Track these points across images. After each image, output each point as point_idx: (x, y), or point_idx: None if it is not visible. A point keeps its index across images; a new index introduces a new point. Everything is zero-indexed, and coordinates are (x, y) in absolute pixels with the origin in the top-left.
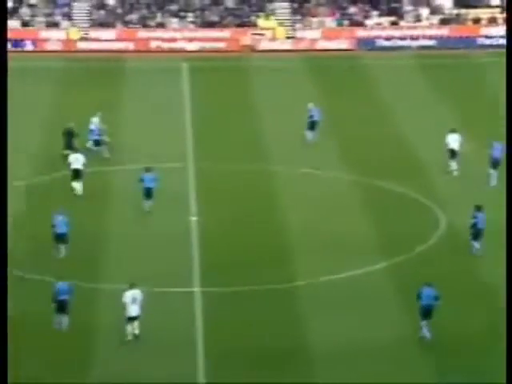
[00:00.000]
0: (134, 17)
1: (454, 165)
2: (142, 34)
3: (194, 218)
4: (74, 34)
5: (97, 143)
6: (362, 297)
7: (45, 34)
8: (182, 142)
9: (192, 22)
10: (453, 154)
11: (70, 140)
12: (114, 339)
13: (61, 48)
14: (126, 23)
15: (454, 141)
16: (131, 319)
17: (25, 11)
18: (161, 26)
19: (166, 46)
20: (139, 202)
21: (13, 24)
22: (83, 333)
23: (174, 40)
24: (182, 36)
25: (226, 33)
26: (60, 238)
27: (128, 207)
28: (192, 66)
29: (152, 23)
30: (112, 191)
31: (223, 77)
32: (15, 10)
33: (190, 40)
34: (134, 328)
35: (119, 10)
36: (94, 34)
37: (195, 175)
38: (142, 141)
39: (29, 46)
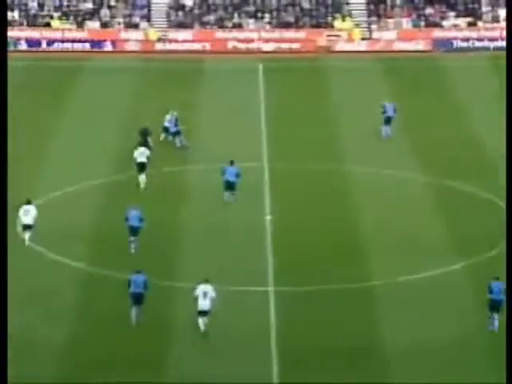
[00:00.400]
0: (211, 18)
1: None
2: (219, 34)
3: (268, 217)
4: (153, 34)
5: (174, 134)
6: (440, 297)
7: (124, 34)
8: (257, 141)
9: (268, 23)
10: None
11: (145, 139)
12: (188, 336)
13: (139, 49)
14: (204, 24)
15: None
16: (202, 313)
17: (104, 12)
18: (237, 26)
19: (242, 46)
20: (215, 200)
21: (93, 25)
22: (157, 330)
23: (250, 41)
24: (258, 37)
25: (301, 34)
26: (133, 231)
27: (204, 205)
28: (267, 67)
29: (229, 24)
30: (188, 190)
31: (298, 77)
32: (95, 11)
33: (266, 41)
34: (204, 323)
35: (197, 11)
36: (171, 34)
37: (270, 175)
38: (219, 141)
39: (108, 47)
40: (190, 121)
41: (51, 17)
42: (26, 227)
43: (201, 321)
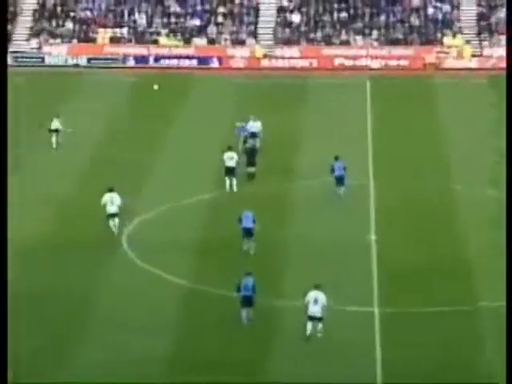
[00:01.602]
0: (318, 35)
1: None
2: (326, 51)
3: (373, 237)
4: (259, 51)
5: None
6: None
7: (230, 51)
8: (363, 158)
9: (376, 40)
10: None
11: (252, 155)
12: (294, 343)
13: (245, 65)
14: (310, 41)
15: None
16: (311, 318)
17: (212, 29)
18: (345, 43)
19: (349, 63)
20: (320, 215)
21: (200, 41)
22: (261, 339)
23: (357, 57)
24: (365, 53)
25: (410, 50)
26: (247, 233)
27: (309, 221)
28: (375, 84)
29: (336, 41)
30: (293, 204)
31: (406, 94)
32: (203, 28)
33: (374, 57)
34: (316, 329)
35: (303, 28)
36: (278, 51)
37: (375, 191)
38: (324, 156)
39: (215, 63)
40: (295, 136)
41: (159, 33)
42: (112, 216)
43: (309, 325)
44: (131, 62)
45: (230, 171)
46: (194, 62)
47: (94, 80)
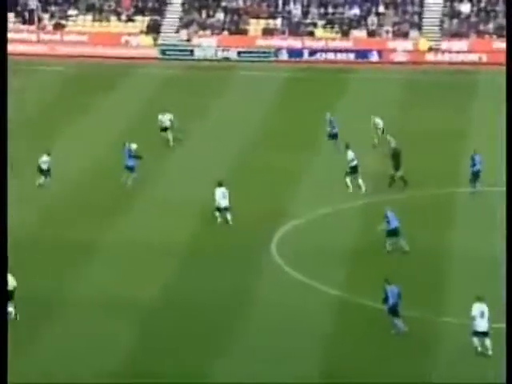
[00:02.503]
0: (489, 26)
1: None
2: (499, 44)
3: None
4: (423, 44)
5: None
6: None
7: (391, 44)
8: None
9: None
10: None
11: (398, 159)
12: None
13: (407, 59)
14: (481, 33)
15: None
16: (477, 334)
17: (372, 20)
18: None
19: None
20: (479, 225)
21: (359, 34)
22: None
23: None
24: None
25: None
26: (392, 233)
27: (469, 232)
28: None
29: None
30: (456, 213)
31: None
32: (362, 19)
33: None
34: (481, 344)
35: (473, 19)
36: (444, 44)
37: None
38: (491, 162)
39: (374, 57)
40: (460, 138)
41: (315, 25)
42: (223, 209)
43: (476, 341)
44: (284, 56)
45: (353, 170)
46: (352, 56)
47: (245, 75)
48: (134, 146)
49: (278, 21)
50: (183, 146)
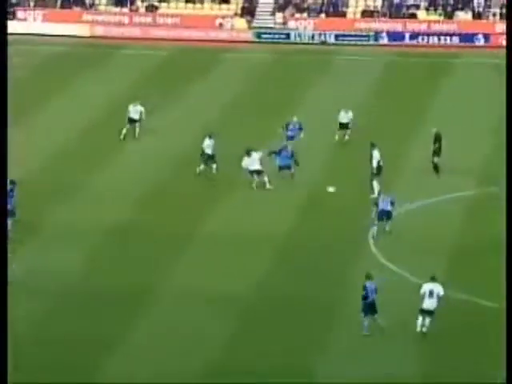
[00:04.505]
0: None
1: None
2: None
3: None
4: None
5: None
6: None
7: (499, 27)
8: None
9: None
10: None
11: (439, 144)
12: None
13: None
14: None
15: None
16: (423, 312)
17: (478, 1)
18: None
19: None
20: None
21: (464, 16)
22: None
23: None
24: None
25: None
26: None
27: None
28: None
29: None
30: None
31: None
32: (468, 1)
33: None
34: (424, 323)
35: None
36: None
37: None
38: None
39: (480, 41)
40: None
41: (417, 7)
42: (255, 172)
43: (420, 320)
44: (384, 40)
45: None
46: (456, 40)
47: (343, 60)
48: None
49: (379, 2)
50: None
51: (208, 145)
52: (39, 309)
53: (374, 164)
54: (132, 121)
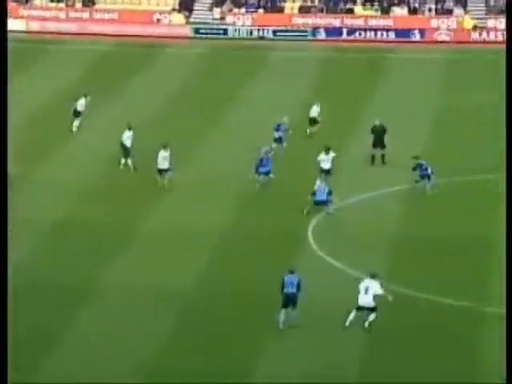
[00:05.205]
0: None
1: None
2: None
3: None
4: (468, 22)
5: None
6: None
7: (434, 22)
8: None
9: None
10: None
11: (380, 137)
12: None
13: (451, 39)
14: None
15: None
16: (359, 308)
17: None
18: None
19: None
20: None
21: (400, 11)
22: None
23: None
24: None
25: None
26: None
27: None
28: None
29: None
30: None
31: None
32: None
33: None
34: (354, 317)
35: None
36: (490, 22)
37: None
38: None
39: (416, 36)
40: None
41: (354, 2)
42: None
43: (353, 315)
44: (322, 35)
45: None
46: (393, 35)
47: (280, 55)
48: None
49: None
50: (217, 125)
51: (128, 136)
52: None
53: (324, 166)
54: (77, 114)
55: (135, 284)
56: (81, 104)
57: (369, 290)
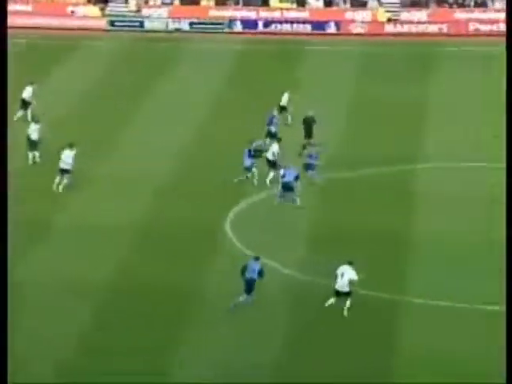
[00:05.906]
0: None
1: None
2: (459, 15)
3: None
4: (382, 15)
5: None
6: None
7: (349, 15)
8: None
9: None
10: None
11: (309, 128)
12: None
13: (366, 31)
14: (441, 3)
15: None
16: (337, 293)
17: None
18: (481, 5)
19: (485, 28)
20: (448, 205)
21: (316, 4)
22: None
23: (495, 22)
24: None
25: None
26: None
27: (436, 212)
28: None
29: (471, 3)
30: (420, 192)
31: None
32: None
33: None
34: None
35: None
36: (403, 15)
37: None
38: (449, 138)
39: (331, 29)
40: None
41: None
42: (64, 171)
43: (332, 299)
44: (238, 27)
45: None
46: (308, 27)
47: (197, 47)
48: None
49: None
50: (136, 122)
51: (33, 130)
52: None
53: (270, 156)
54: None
55: (47, 278)
56: (28, 92)
57: (344, 276)
